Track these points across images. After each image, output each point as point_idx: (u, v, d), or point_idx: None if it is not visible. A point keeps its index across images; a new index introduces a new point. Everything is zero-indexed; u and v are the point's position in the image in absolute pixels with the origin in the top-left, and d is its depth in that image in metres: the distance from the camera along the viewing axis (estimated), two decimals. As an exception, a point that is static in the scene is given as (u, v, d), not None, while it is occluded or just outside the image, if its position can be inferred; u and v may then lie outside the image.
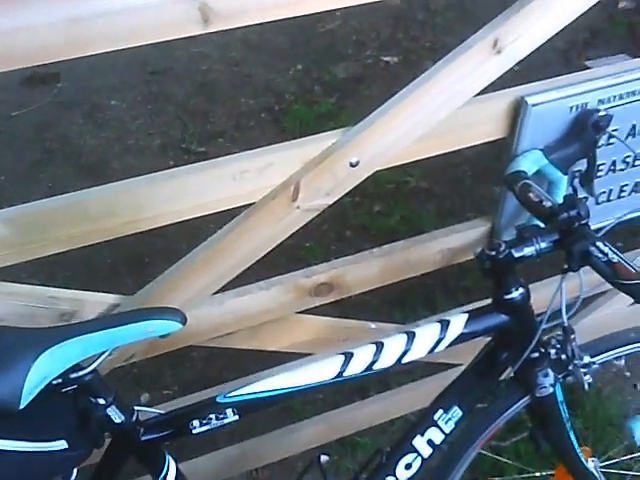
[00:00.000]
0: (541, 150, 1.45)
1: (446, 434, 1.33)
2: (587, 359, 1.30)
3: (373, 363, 1.21)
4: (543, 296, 1.30)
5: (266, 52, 4.04)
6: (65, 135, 3.50)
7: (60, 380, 1.02)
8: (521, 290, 1.24)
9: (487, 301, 1.29)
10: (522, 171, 1.41)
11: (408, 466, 1.33)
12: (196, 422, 1.17)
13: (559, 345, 1.30)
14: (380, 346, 1.21)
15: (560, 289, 1.23)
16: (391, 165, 1.43)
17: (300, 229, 1.42)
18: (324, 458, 1.45)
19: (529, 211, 1.33)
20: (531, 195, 1.31)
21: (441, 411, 1.33)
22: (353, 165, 1.36)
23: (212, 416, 1.17)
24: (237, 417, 1.18)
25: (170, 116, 3.61)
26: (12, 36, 1.01)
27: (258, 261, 1.42)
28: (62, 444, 1.07)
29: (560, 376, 1.33)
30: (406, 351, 1.22)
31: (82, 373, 1.05)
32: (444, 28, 4.13)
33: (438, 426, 1.32)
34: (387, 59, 3.96)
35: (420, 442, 1.33)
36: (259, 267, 1.45)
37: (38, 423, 1.06)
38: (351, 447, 2.10)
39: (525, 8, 1.30)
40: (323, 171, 1.34)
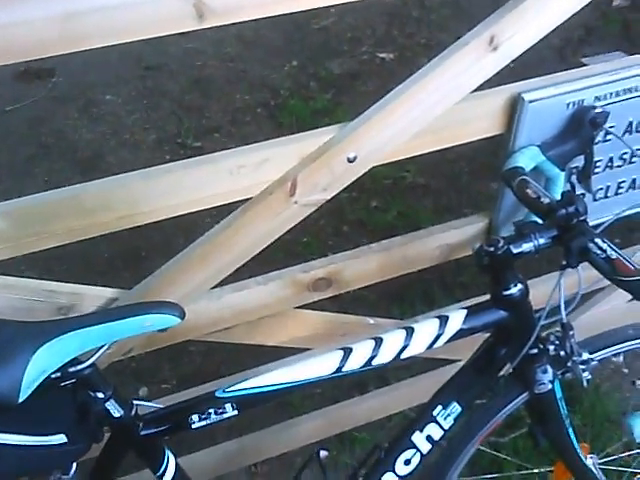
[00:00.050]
0: (538, 146, 1.45)
1: (445, 430, 1.33)
2: (586, 355, 1.30)
3: (372, 358, 1.21)
4: (542, 292, 1.30)
5: (261, 48, 4.03)
6: (60, 130, 3.49)
7: (59, 374, 1.02)
8: (520, 286, 1.24)
9: (485, 297, 1.29)
10: (519, 167, 1.41)
11: (407, 462, 1.34)
12: (195, 417, 1.17)
13: (558, 341, 1.30)
14: (379, 341, 1.21)
15: (559, 285, 1.23)
16: (388, 161, 1.43)
17: (297, 224, 1.42)
18: (323, 453, 1.44)
19: (527, 207, 1.33)
20: (529, 191, 1.31)
21: (440, 407, 1.33)
22: (350, 161, 1.36)
23: (211, 411, 1.17)
24: (236, 412, 1.18)
25: (165, 111, 3.60)
26: (9, 30, 1.00)
27: (256, 256, 1.42)
28: (61, 438, 1.07)
29: (559, 372, 1.33)
30: (405, 346, 1.22)
31: (81, 367, 1.04)
32: (439, 25, 4.15)
33: (437, 422, 1.33)
34: (383, 55, 3.96)
35: (419, 438, 1.33)
36: (257, 262, 1.45)
37: (37, 417, 1.06)
38: (350, 442, 2.10)
39: (521, 5, 1.31)
40: (320, 166, 1.34)
